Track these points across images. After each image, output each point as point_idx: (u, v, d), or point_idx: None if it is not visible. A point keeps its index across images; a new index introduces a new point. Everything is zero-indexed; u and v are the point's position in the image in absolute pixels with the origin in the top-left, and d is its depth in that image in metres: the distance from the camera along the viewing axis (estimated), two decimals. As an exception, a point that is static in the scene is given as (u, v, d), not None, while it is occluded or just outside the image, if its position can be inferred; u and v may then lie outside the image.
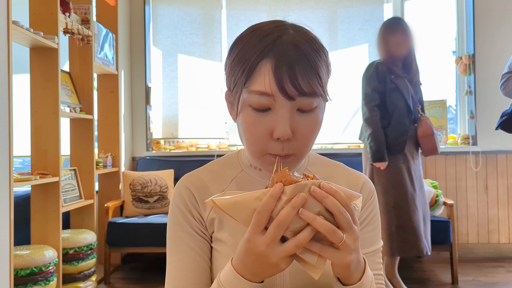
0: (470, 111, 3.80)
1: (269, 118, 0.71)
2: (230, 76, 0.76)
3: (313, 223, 0.59)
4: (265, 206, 0.60)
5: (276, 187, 0.60)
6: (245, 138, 0.75)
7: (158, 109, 3.93)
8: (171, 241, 0.81)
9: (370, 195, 0.85)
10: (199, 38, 3.91)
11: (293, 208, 0.59)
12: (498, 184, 3.68)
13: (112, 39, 3.42)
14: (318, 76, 0.70)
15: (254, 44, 0.71)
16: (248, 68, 0.71)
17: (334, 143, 3.82)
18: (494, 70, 3.65)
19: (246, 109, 0.73)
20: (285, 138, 0.71)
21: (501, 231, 3.67)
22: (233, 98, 0.76)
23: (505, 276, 3.13)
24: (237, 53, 0.73)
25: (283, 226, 0.60)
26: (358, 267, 0.66)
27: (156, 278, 3.19)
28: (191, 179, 0.84)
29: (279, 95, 0.69)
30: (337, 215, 0.60)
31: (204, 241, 0.81)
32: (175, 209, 0.82)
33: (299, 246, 0.60)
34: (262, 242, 0.61)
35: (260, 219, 0.61)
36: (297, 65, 0.68)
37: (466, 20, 3.82)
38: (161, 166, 3.64)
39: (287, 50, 0.69)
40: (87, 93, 3.08)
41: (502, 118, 2.58)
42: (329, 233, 0.60)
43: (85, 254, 2.75)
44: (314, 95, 0.70)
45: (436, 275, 3.20)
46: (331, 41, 3.82)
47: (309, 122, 0.72)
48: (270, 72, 0.69)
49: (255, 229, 0.61)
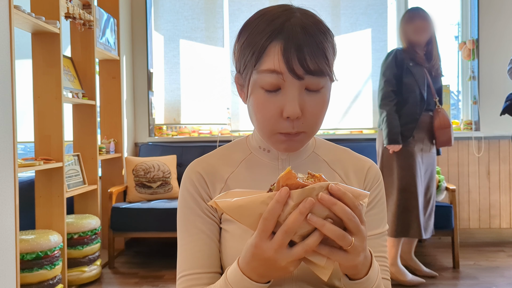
0: (473, 96, 3.79)
1: (279, 98, 0.74)
2: (240, 59, 0.78)
3: (322, 229, 0.59)
4: (271, 212, 0.60)
5: (282, 192, 0.59)
6: (256, 119, 0.77)
7: (160, 95, 3.92)
8: (182, 224, 0.82)
9: (377, 179, 0.86)
10: (201, 23, 3.88)
11: (301, 214, 0.59)
12: (500, 169, 3.68)
13: (113, 24, 3.40)
14: (325, 57, 0.73)
15: (263, 28, 0.74)
16: (258, 51, 0.73)
17: (336, 128, 3.82)
18: (499, 55, 3.62)
19: (257, 90, 0.75)
20: (294, 117, 0.73)
21: (503, 216, 3.69)
22: (243, 80, 0.79)
23: (506, 261, 3.15)
24: (247, 37, 0.76)
25: (291, 232, 0.59)
26: (365, 263, 0.67)
27: (159, 262, 3.23)
28: (200, 163, 0.85)
29: (288, 74, 0.72)
30: (346, 221, 0.60)
31: (213, 223, 0.82)
32: (185, 193, 0.83)
33: (308, 250, 0.60)
34: (270, 247, 0.61)
35: (266, 225, 0.60)
36: (305, 47, 0.71)
37: (471, 5, 3.78)
38: (163, 152, 3.65)
39: (295, 32, 0.72)
40: (89, 78, 3.07)
41: (507, 103, 2.58)
42: (338, 238, 0.59)
43: (89, 238, 2.77)
44: (321, 74, 0.73)
45: (437, 260, 3.23)
46: (334, 25, 3.79)
47: (317, 101, 0.75)
48: (279, 53, 0.71)
49: (261, 235, 0.61)
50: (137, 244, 3.71)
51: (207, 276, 0.78)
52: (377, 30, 3.75)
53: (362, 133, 3.83)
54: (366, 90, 3.76)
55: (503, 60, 3.42)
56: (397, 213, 2.70)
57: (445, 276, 2.87)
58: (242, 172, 0.84)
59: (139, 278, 2.91)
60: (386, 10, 3.80)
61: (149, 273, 3.01)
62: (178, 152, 3.65)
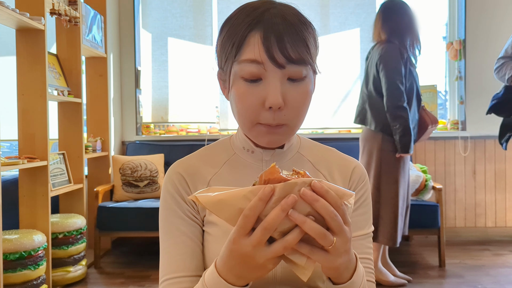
0: (460, 96, 3.82)
1: (261, 88, 0.72)
2: (221, 53, 0.77)
3: (303, 225, 0.57)
4: (253, 210, 0.57)
5: (266, 189, 0.57)
6: (237, 111, 0.76)
7: (148, 93, 3.89)
8: (164, 227, 0.80)
9: (362, 179, 0.85)
10: (190, 21, 3.85)
11: (282, 211, 0.56)
12: (486, 169, 3.72)
13: (100, 21, 3.36)
14: (306, 45, 0.72)
15: (243, 19, 0.73)
16: (237, 41, 0.72)
17: (324, 127, 3.83)
18: (485, 55, 3.66)
19: (238, 81, 0.74)
20: (276, 107, 0.71)
21: (488, 215, 3.73)
22: (225, 74, 0.77)
23: (491, 259, 3.19)
24: (227, 30, 0.75)
25: (271, 229, 0.57)
26: (349, 266, 0.65)
27: (146, 262, 3.20)
28: (182, 165, 0.83)
29: (269, 63, 0.70)
30: (327, 219, 0.58)
31: (196, 225, 0.80)
32: (166, 195, 0.81)
33: (287, 247, 0.58)
34: (248, 244, 0.58)
35: (246, 222, 0.58)
36: (285, 35, 0.70)
37: (458, 5, 3.81)
38: (151, 151, 3.62)
39: (275, 21, 0.71)
40: (75, 76, 3.03)
41: (493, 102, 2.60)
42: (319, 236, 0.57)
43: (74, 238, 2.74)
44: (303, 63, 0.72)
45: (424, 258, 3.25)
46: (322, 25, 3.79)
47: (300, 91, 0.73)
48: (259, 42, 0.71)
49: (240, 231, 0.59)
50: (124, 243, 3.67)
51: (190, 279, 0.77)
52: (365, 29, 3.76)
53: (350, 132, 3.84)
54: (355, 89, 3.77)
55: (489, 60, 3.45)
56: (400, 220, 2.64)
57: (431, 275, 2.89)
58: (225, 173, 0.82)
59: (125, 278, 2.88)
60: (374, 10, 3.80)
61: (135, 273, 2.98)
62: (166, 151, 3.62)
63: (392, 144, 2.61)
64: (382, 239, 2.64)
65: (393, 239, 2.64)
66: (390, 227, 2.63)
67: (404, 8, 2.65)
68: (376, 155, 2.64)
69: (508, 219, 3.71)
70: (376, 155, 2.64)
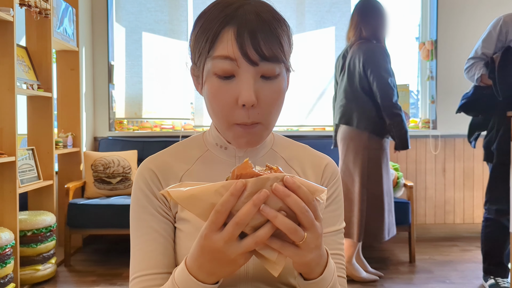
0: (431, 96, 3.91)
1: (234, 85, 0.72)
2: (194, 49, 0.76)
3: (274, 220, 0.57)
4: (224, 205, 0.57)
5: (238, 184, 0.56)
6: (211, 108, 0.75)
7: (121, 88, 3.82)
8: (135, 224, 0.79)
9: (334, 175, 0.85)
10: (165, 15, 3.80)
11: (254, 206, 0.56)
12: (455, 167, 3.82)
13: (72, 13, 3.28)
14: (280, 43, 0.72)
15: (216, 15, 0.72)
16: (211, 37, 0.72)
17: (299, 125, 3.85)
18: (456, 56, 3.75)
19: (211, 78, 0.73)
20: (250, 104, 0.71)
21: (456, 212, 3.83)
22: (198, 70, 0.77)
23: (459, 255, 3.28)
24: (201, 26, 0.74)
25: (242, 224, 0.57)
26: (320, 262, 0.65)
27: (118, 259, 3.15)
28: (154, 161, 0.82)
29: (242, 60, 0.70)
30: (299, 215, 0.58)
31: (167, 222, 0.80)
32: (137, 191, 0.80)
33: (259, 243, 0.58)
34: (219, 239, 0.58)
35: (218, 217, 0.58)
36: (259, 32, 0.70)
37: (430, 7, 3.89)
38: (124, 147, 3.56)
39: (249, 17, 0.70)
40: (46, 69, 2.95)
41: (462, 101, 2.66)
42: (290, 231, 0.57)
43: (43, 236, 2.67)
44: (276, 60, 0.71)
45: (395, 254, 3.32)
46: (298, 23, 3.81)
47: (273, 89, 0.73)
48: (232, 38, 0.70)
49: (212, 226, 0.58)
50: (96, 241, 3.61)
51: (162, 276, 0.76)
52: (340, 28, 3.79)
53: (324, 130, 3.87)
54: (330, 87, 3.80)
55: (460, 61, 3.54)
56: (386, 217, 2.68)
57: (402, 270, 2.95)
58: (198, 169, 0.81)
59: (97, 276, 2.83)
60: (349, 9, 3.85)
61: (107, 271, 2.94)
62: (139, 147, 3.57)
63: (378, 143, 2.66)
64: (369, 237, 2.68)
65: (380, 235, 2.68)
66: (377, 224, 2.67)
67: (380, 8, 2.70)
68: (362, 153, 2.65)
69: (475, 215, 3.83)
70: (362, 153, 2.65)
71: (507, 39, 2.47)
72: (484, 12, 3.76)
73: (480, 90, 2.57)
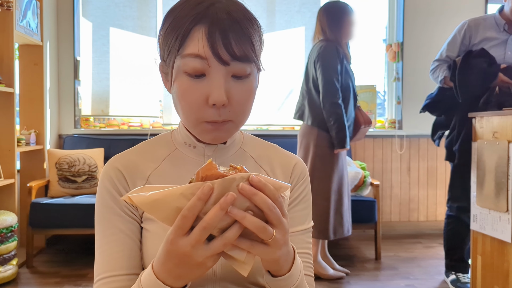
0: (397, 96, 4.00)
1: (204, 84, 0.71)
2: (164, 45, 0.75)
3: (243, 221, 0.56)
4: (192, 210, 0.56)
5: (205, 188, 0.55)
6: (181, 107, 0.74)
7: (87, 85, 3.73)
8: (100, 224, 0.77)
9: (303, 175, 0.86)
10: (133, 11, 3.74)
11: (221, 210, 0.55)
12: (419, 166, 3.93)
13: (36, 6, 3.17)
14: (251, 43, 0.72)
15: (187, 12, 0.71)
16: (181, 35, 0.71)
17: (269, 124, 3.86)
18: (421, 58, 3.86)
19: (181, 76, 0.72)
20: (220, 104, 0.70)
21: (420, 210, 3.95)
22: (167, 67, 0.76)
23: (423, 252, 3.38)
24: (170, 22, 0.73)
25: (210, 228, 0.56)
26: (288, 259, 0.66)
27: (83, 260, 3.08)
28: (120, 160, 0.80)
29: (213, 59, 0.69)
30: (266, 212, 0.58)
31: (134, 222, 0.78)
32: (103, 191, 0.78)
33: (227, 244, 0.57)
34: (187, 243, 0.57)
35: (185, 222, 0.56)
36: (230, 31, 0.69)
37: (397, 9, 3.98)
38: (90, 145, 3.48)
39: (220, 16, 0.70)
40: (7, 64, 2.84)
41: (427, 101, 2.74)
42: (259, 230, 0.57)
43: (4, 236, 2.58)
44: (247, 60, 0.71)
45: (361, 252, 3.38)
46: (268, 22, 3.82)
47: (244, 88, 0.73)
48: (203, 37, 0.69)
49: (178, 231, 0.57)
50: (59, 241, 3.51)
51: (128, 278, 0.74)
52: (310, 28, 3.83)
53: (293, 129, 3.90)
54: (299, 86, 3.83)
55: (425, 62, 3.64)
56: (332, 215, 2.71)
57: (368, 267, 3.02)
58: (165, 168, 0.80)
59: (61, 278, 2.76)
60: (319, 10, 3.89)
61: (71, 271, 2.86)
62: (106, 145, 3.49)
63: (327, 140, 2.69)
64: (315, 233, 2.70)
65: (324, 233, 2.71)
66: (322, 221, 2.69)
67: (343, 9, 2.73)
68: (312, 150, 2.70)
69: (438, 213, 3.95)
70: (312, 150, 2.70)
71: (470, 43, 2.56)
72: (449, 15, 3.88)
73: (444, 91, 2.65)
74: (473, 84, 2.43)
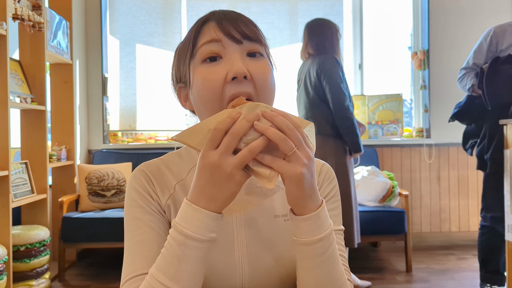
0: (424, 104, 3.93)
1: (222, 65, 0.75)
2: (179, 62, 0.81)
3: (266, 132, 0.61)
4: (222, 124, 0.62)
5: (234, 111, 0.63)
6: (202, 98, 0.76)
7: (115, 100, 3.82)
8: (130, 224, 0.77)
9: (329, 175, 0.86)
10: (158, 27, 3.82)
11: (247, 121, 0.62)
12: (450, 175, 3.83)
13: (66, 27, 3.28)
14: (258, 29, 0.78)
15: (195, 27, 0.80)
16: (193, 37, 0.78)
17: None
18: (448, 65, 3.79)
19: (199, 68, 0.76)
20: (241, 75, 0.73)
21: (452, 220, 3.84)
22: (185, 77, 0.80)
23: (456, 263, 3.28)
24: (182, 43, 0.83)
25: (237, 136, 0.61)
26: (313, 196, 0.66)
27: (113, 274, 3.12)
28: (147, 166, 0.82)
29: (227, 40, 0.75)
30: (286, 132, 0.62)
31: (164, 221, 0.78)
32: (132, 192, 0.79)
33: (252, 152, 0.61)
34: (216, 153, 0.62)
35: (216, 135, 0.62)
36: (237, 19, 0.77)
37: (422, 16, 3.93)
38: (118, 159, 3.54)
39: (225, 12, 0.78)
40: (39, 82, 2.94)
41: (455, 110, 2.69)
42: (280, 140, 0.61)
43: (37, 251, 2.64)
44: (258, 40, 0.77)
45: (391, 264, 3.31)
46: (291, 34, 3.83)
47: (261, 64, 0.76)
48: (214, 26, 0.76)
49: (209, 144, 0.63)
50: (90, 255, 3.57)
51: None
52: (333, 39, 3.81)
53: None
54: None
55: (452, 69, 3.57)
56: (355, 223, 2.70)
57: (399, 280, 2.94)
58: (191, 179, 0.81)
59: (92, 291, 2.80)
60: (342, 20, 3.88)
61: (102, 285, 2.90)
62: (134, 159, 3.55)
63: (344, 148, 2.71)
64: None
65: (351, 240, 2.68)
66: (347, 228, 2.67)
67: (328, 25, 2.83)
68: (330, 160, 2.68)
69: (471, 223, 3.83)
70: (331, 160, 2.68)
71: (497, 49, 2.50)
72: (475, 22, 3.80)
73: (473, 99, 2.59)
74: (501, 91, 2.37)
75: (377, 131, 3.82)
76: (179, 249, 0.64)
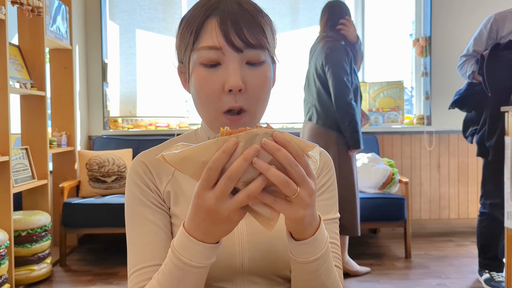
0: (425, 92, 3.92)
1: (220, 73, 0.73)
2: (180, 45, 0.78)
3: (267, 173, 0.56)
4: (216, 162, 0.56)
5: (230, 142, 0.56)
6: (199, 100, 0.76)
7: (115, 86, 3.80)
8: (130, 217, 0.79)
9: (327, 164, 0.86)
10: (158, 13, 3.79)
11: (245, 160, 0.56)
12: (450, 162, 3.84)
13: (65, 11, 3.25)
14: (263, 30, 0.74)
15: (199, 9, 0.75)
16: (195, 29, 0.74)
17: (294, 122, 3.85)
18: (449, 52, 3.76)
19: (197, 68, 0.74)
20: (237, 89, 0.72)
21: (451, 207, 3.85)
22: (184, 66, 0.78)
23: (454, 250, 3.30)
24: (185, 23, 0.77)
25: (234, 178, 0.56)
26: (313, 223, 0.64)
27: (114, 259, 3.14)
28: (146, 156, 0.83)
29: (227, 47, 0.72)
30: (288, 169, 0.57)
31: (163, 213, 0.79)
32: (131, 185, 0.80)
33: (251, 196, 0.57)
34: (212, 196, 0.58)
35: (210, 175, 0.57)
36: (242, 20, 0.72)
37: (424, 3, 3.90)
38: (119, 145, 3.54)
39: (231, 7, 0.73)
40: (39, 68, 2.92)
41: (455, 97, 2.68)
42: (282, 184, 0.56)
43: (38, 236, 2.66)
44: (260, 47, 0.73)
45: (390, 250, 3.33)
46: (292, 19, 3.80)
47: (259, 75, 0.74)
48: (216, 27, 0.72)
49: (204, 184, 0.58)
50: (91, 240, 3.59)
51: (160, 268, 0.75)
52: (334, 25, 3.78)
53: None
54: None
55: (453, 57, 3.55)
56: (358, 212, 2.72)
57: (398, 266, 2.97)
58: None
59: (93, 276, 2.82)
60: (343, 6, 3.84)
61: (103, 270, 2.92)
62: (134, 145, 3.56)
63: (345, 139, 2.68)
64: (347, 230, 2.69)
65: (355, 229, 2.70)
66: (352, 217, 2.70)
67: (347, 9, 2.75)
68: (333, 150, 2.66)
69: (470, 211, 3.85)
70: (334, 150, 2.67)
71: (498, 36, 2.49)
72: (477, 9, 3.77)
73: (473, 86, 2.58)
74: (502, 76, 2.37)
75: (377, 118, 3.81)
76: (178, 273, 0.65)
